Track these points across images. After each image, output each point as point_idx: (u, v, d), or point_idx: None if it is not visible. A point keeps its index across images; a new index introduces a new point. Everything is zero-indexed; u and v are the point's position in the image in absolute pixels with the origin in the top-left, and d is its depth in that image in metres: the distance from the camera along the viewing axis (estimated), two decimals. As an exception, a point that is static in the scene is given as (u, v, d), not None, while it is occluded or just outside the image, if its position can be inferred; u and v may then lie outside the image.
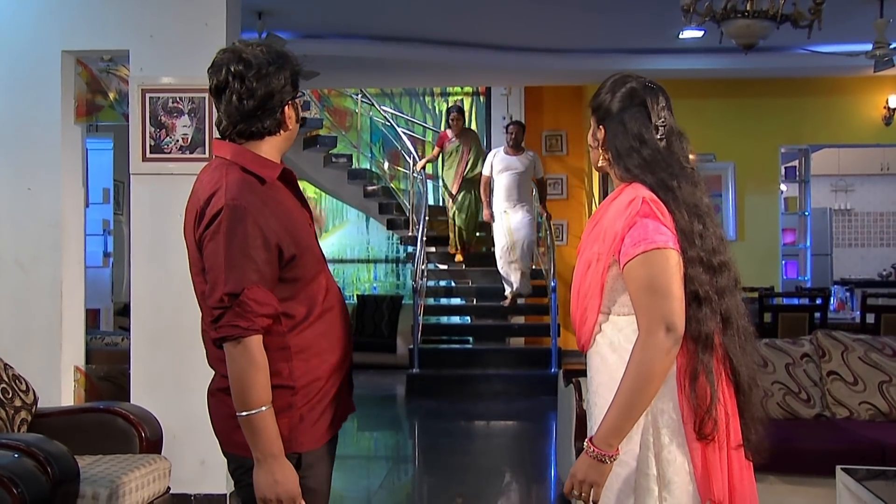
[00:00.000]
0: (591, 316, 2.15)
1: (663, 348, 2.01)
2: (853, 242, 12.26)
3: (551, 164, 11.21)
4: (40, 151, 4.63)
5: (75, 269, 4.74)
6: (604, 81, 2.27)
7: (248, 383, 2.10)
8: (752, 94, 8.49)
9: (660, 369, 2.02)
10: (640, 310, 2.05)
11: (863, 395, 4.86)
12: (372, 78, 9.63)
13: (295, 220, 2.23)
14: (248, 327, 2.09)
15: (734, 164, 8.62)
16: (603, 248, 2.12)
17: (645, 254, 2.03)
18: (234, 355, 2.11)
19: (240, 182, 2.16)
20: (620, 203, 2.13)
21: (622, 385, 2.04)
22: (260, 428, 2.11)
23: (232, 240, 2.10)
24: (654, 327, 2.01)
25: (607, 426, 2.04)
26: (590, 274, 2.15)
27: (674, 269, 2.04)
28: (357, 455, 6.68)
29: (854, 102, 8.67)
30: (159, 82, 4.58)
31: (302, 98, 2.34)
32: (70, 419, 4.01)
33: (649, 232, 2.04)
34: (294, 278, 2.20)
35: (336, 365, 2.28)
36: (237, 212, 2.11)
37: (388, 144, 11.58)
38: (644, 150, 2.16)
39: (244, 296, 2.09)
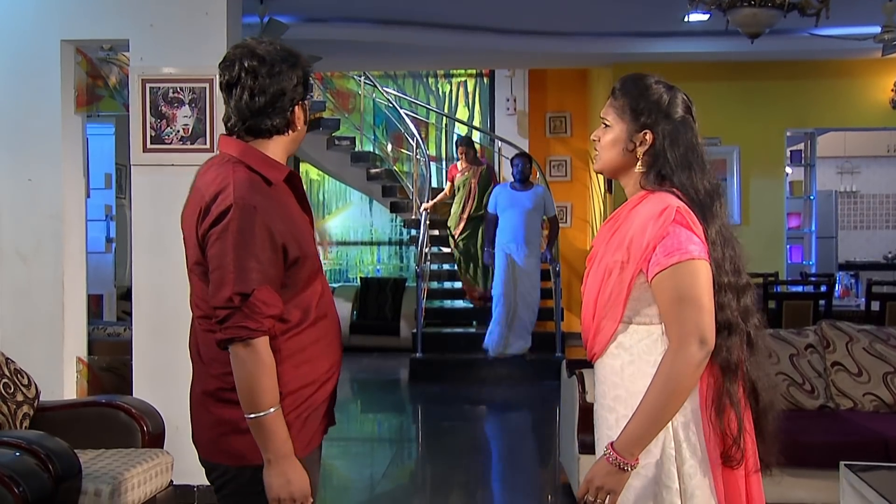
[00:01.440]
0: (610, 325, 2.10)
1: (695, 361, 1.98)
2: (859, 225, 12.20)
3: (555, 146, 11.17)
4: (40, 142, 4.61)
5: (77, 260, 4.72)
6: (638, 80, 2.17)
7: (258, 385, 2.09)
8: (758, 77, 8.41)
9: (689, 383, 1.99)
10: (671, 321, 2.01)
11: (867, 387, 4.85)
12: (375, 61, 9.56)
13: (298, 224, 2.22)
14: (257, 328, 2.07)
15: (739, 148, 8.55)
16: (629, 257, 2.06)
17: (679, 264, 1.99)
18: (242, 357, 2.09)
19: (247, 181, 2.14)
20: (650, 211, 2.05)
21: (649, 395, 2.00)
22: (271, 429, 2.10)
23: (241, 239, 2.08)
24: (686, 339, 1.97)
25: (630, 434, 2.01)
26: (612, 282, 2.09)
27: (706, 280, 2.00)
28: (361, 438, 6.71)
29: (861, 85, 8.59)
30: (159, 72, 4.54)
31: (311, 99, 2.31)
32: (72, 413, 4.00)
33: (682, 242, 2.00)
34: (293, 283, 2.18)
35: (326, 373, 2.26)
36: (247, 211, 2.09)
37: (391, 127, 11.52)
38: (697, 164, 2.12)
39: (253, 297, 2.06)
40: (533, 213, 8.35)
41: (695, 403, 2.04)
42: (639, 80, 2.17)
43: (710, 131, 8.40)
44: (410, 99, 11.50)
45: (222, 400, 2.19)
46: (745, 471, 2.07)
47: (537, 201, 8.37)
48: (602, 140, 2.19)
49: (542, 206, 8.38)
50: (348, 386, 8.69)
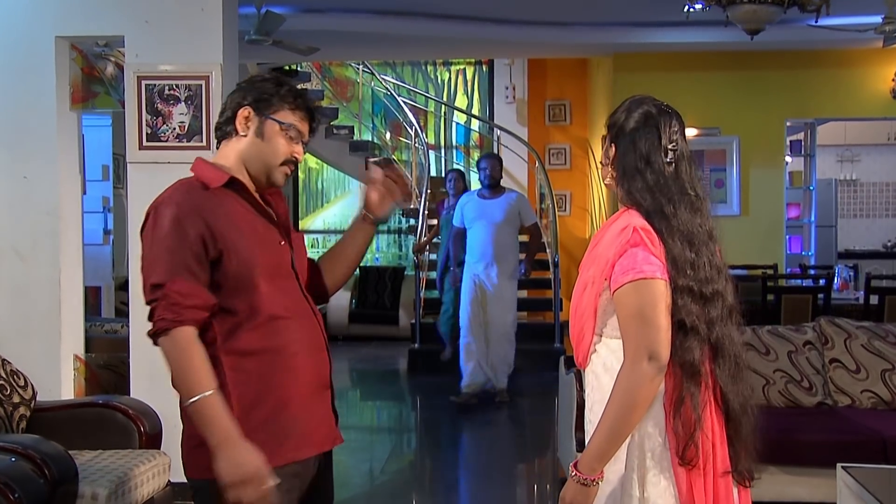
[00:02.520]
0: (587, 336, 2.21)
1: (646, 376, 2.04)
2: (858, 213, 12.18)
3: (555, 134, 11.14)
4: (36, 139, 4.57)
5: (73, 257, 4.71)
6: (621, 102, 2.29)
7: (186, 371, 2.12)
8: (758, 66, 8.37)
9: (643, 396, 2.06)
10: (626, 337, 2.10)
11: (865, 384, 4.85)
12: (373, 51, 9.51)
13: (235, 225, 2.23)
14: (174, 319, 2.11)
15: (739, 138, 8.52)
16: (597, 273, 2.15)
17: (633, 283, 2.07)
18: (166, 349, 2.14)
19: (181, 187, 2.28)
20: (614, 230, 2.17)
21: (606, 410, 2.08)
22: (209, 414, 2.11)
23: (155, 235, 2.18)
24: (638, 356, 2.05)
25: (591, 451, 2.09)
26: (585, 296, 2.20)
27: (660, 299, 2.07)
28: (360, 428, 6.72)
29: (861, 75, 8.55)
30: (155, 69, 4.50)
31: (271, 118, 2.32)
32: (69, 414, 4.00)
33: (638, 261, 2.08)
34: (225, 283, 2.20)
35: (288, 377, 2.24)
36: (160, 209, 2.22)
37: (389, 115, 11.48)
38: (648, 172, 2.18)
39: (167, 288, 2.12)
40: (504, 226, 6.94)
41: (658, 409, 2.12)
42: (630, 101, 2.27)
43: (709, 121, 8.40)
44: (409, 87, 11.45)
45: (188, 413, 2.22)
46: (712, 473, 2.11)
47: (510, 211, 6.96)
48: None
49: (516, 217, 6.99)
50: (347, 376, 8.70)
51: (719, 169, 8.55)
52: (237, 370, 2.21)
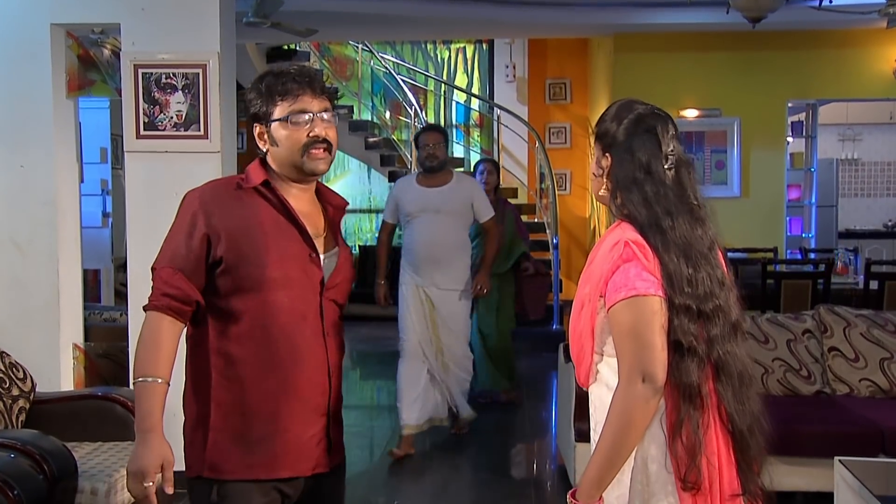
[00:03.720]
0: (587, 356, 2.12)
1: (641, 398, 1.96)
2: (859, 192, 12.15)
3: (555, 113, 11.09)
4: (32, 128, 4.55)
5: (72, 247, 4.69)
6: (608, 107, 2.19)
7: (142, 353, 2.20)
8: (759, 47, 8.30)
9: (639, 418, 1.97)
10: (620, 357, 2.01)
11: (864, 372, 4.86)
12: (372, 32, 9.44)
13: (255, 230, 2.24)
14: (152, 302, 2.21)
15: (740, 119, 8.47)
16: (592, 291, 2.08)
17: (626, 300, 1.98)
18: (143, 325, 2.23)
19: (216, 180, 2.39)
20: (607, 245, 2.08)
21: (602, 434, 2.00)
22: (141, 397, 2.18)
23: (174, 222, 2.28)
24: (632, 376, 1.97)
25: (589, 478, 2.02)
26: (582, 315, 2.12)
27: (654, 316, 1.98)
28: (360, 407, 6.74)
29: (864, 56, 8.48)
30: (152, 58, 4.46)
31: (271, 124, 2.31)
32: (68, 406, 4.00)
33: (630, 278, 1.99)
34: (227, 283, 2.21)
35: (273, 392, 2.23)
36: (188, 199, 2.29)
37: (389, 94, 11.42)
38: (647, 182, 2.07)
39: (156, 273, 2.23)
40: (454, 221, 5.40)
41: (661, 431, 2.03)
42: (610, 108, 2.18)
43: (710, 102, 8.31)
44: (409, 66, 11.38)
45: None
46: (720, 496, 2.03)
47: (460, 200, 5.41)
48: (590, 166, 2.26)
49: (468, 209, 5.44)
50: (347, 356, 8.69)
51: (720, 150, 8.51)
52: (223, 373, 2.22)
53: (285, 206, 2.29)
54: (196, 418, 2.24)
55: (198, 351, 2.26)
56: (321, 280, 2.30)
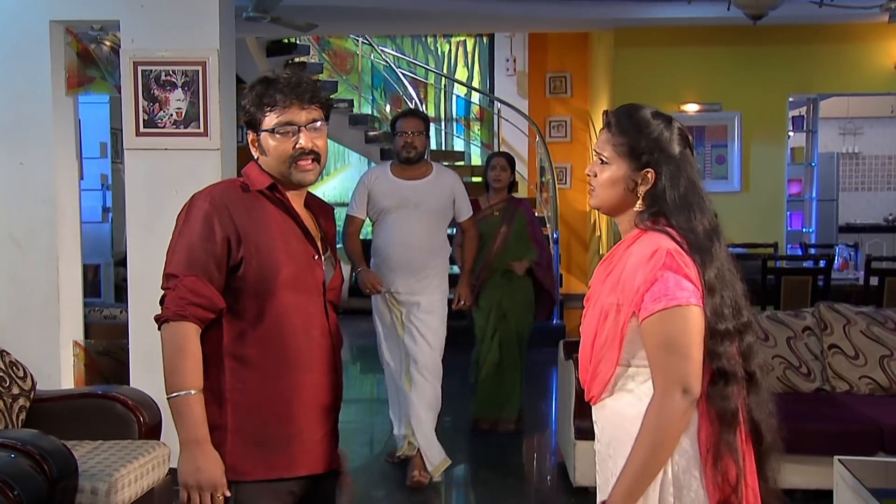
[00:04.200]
0: (608, 368, 2.04)
1: (679, 411, 1.92)
2: (860, 186, 12.13)
3: (555, 107, 11.07)
4: (31, 125, 4.54)
5: (71, 244, 4.69)
6: (632, 115, 2.08)
7: (175, 366, 2.17)
8: (760, 41, 8.27)
9: (675, 432, 1.94)
10: (656, 369, 1.96)
11: (863, 370, 4.86)
12: (372, 26, 9.42)
13: (264, 230, 2.25)
14: (177, 312, 2.16)
15: (741, 114, 8.46)
16: (623, 300, 2.00)
17: (665, 311, 1.93)
18: (164, 338, 2.19)
19: (221, 182, 2.37)
20: (641, 254, 1.99)
21: (637, 448, 1.96)
22: (185, 412, 2.15)
23: (184, 226, 2.23)
24: (670, 389, 1.93)
25: (621, 492, 1.96)
26: (608, 325, 2.03)
27: (694, 327, 1.94)
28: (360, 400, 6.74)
29: (865, 50, 8.46)
30: (151, 55, 4.45)
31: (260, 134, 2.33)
32: (68, 405, 4.00)
33: (670, 287, 1.93)
34: (242, 286, 2.22)
35: (288, 392, 2.25)
36: (196, 201, 2.26)
37: (389, 88, 11.40)
38: (695, 200, 2.03)
39: (180, 282, 2.16)
40: (434, 219, 4.75)
41: (695, 449, 1.98)
42: (636, 115, 2.08)
43: (711, 97, 8.28)
44: (409, 59, 11.36)
45: None
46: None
47: (441, 195, 4.77)
48: (599, 177, 2.10)
49: (449, 207, 4.81)
50: (347, 350, 8.72)
51: (720, 145, 8.49)
52: (238, 376, 2.23)
53: (290, 208, 2.32)
54: (210, 420, 2.21)
55: (209, 353, 2.23)
56: (323, 281, 2.34)
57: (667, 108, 8.54)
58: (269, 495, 2.25)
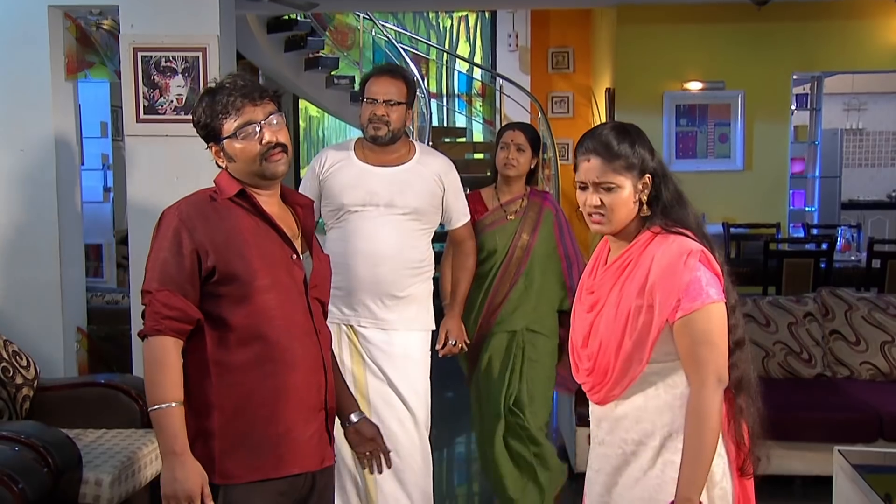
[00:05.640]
0: (637, 368, 2.12)
1: (717, 399, 2.07)
2: (863, 163, 12.07)
3: (557, 82, 10.99)
4: (31, 111, 4.51)
5: (73, 230, 4.69)
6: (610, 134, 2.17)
7: (154, 379, 2.21)
8: (764, 19, 8.18)
9: (718, 418, 2.08)
10: (693, 363, 2.09)
11: (864, 356, 4.87)
12: (372, 3, 9.34)
13: (238, 239, 2.27)
14: (153, 327, 2.21)
15: (744, 92, 8.40)
16: (654, 301, 2.09)
17: (702, 308, 2.06)
18: (145, 351, 2.24)
19: (191, 196, 2.35)
20: (671, 255, 2.10)
21: (689, 441, 2.08)
22: (163, 423, 2.19)
23: (156, 243, 2.27)
24: (710, 380, 2.07)
25: (685, 485, 2.06)
26: (637, 327, 2.11)
27: (721, 321, 2.10)
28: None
29: (870, 27, 8.37)
30: (151, 40, 4.42)
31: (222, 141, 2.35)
32: (71, 394, 4.02)
33: (703, 286, 2.08)
34: (219, 293, 2.24)
35: (273, 393, 2.26)
36: (166, 218, 2.29)
37: (391, 64, 11.34)
38: (682, 194, 2.22)
39: (154, 297, 2.21)
40: (413, 223, 3.39)
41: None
42: (611, 135, 2.17)
43: (714, 75, 8.22)
44: (410, 35, 11.27)
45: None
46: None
47: (426, 190, 3.42)
48: (611, 203, 2.15)
49: (436, 204, 3.46)
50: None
51: (723, 123, 8.45)
52: (224, 380, 2.26)
53: (262, 212, 2.34)
54: (196, 428, 2.24)
55: (193, 361, 2.27)
56: (304, 280, 2.37)
57: (670, 86, 8.52)
58: (258, 497, 2.26)
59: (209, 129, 2.33)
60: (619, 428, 2.20)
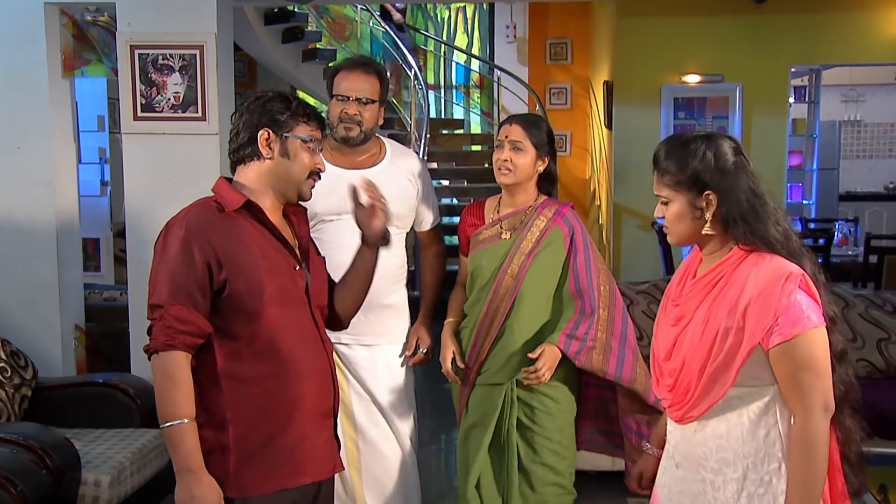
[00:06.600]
0: (720, 389, 2.06)
1: (824, 428, 2.00)
2: (861, 154, 12.07)
3: (556, 73, 10.96)
4: (28, 108, 4.51)
5: (71, 227, 4.68)
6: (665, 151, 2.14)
7: (167, 396, 2.17)
8: (763, 11, 8.16)
9: (826, 447, 2.01)
10: (796, 390, 2.01)
11: (861, 353, 4.87)
12: (371, -6, 9.32)
13: (244, 251, 2.25)
14: (167, 342, 2.16)
15: (742, 85, 8.37)
16: (744, 324, 2.02)
17: (804, 334, 1.99)
18: (155, 367, 2.20)
19: (199, 206, 2.29)
20: (768, 278, 2.02)
21: (797, 472, 2.01)
22: (178, 441, 2.16)
23: (163, 255, 2.21)
24: (816, 408, 1.99)
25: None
26: (725, 347, 2.04)
27: (824, 346, 2.02)
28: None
29: (869, 19, 8.34)
30: (148, 38, 4.40)
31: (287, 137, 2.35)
32: (70, 393, 4.03)
33: (804, 310, 2.00)
34: (229, 307, 2.22)
35: (289, 403, 2.27)
36: (172, 229, 2.23)
37: (388, 56, 11.30)
38: (763, 205, 2.09)
39: (166, 311, 2.16)
40: (389, 227, 2.61)
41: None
42: (673, 146, 2.13)
43: (713, 68, 8.17)
44: (408, 26, 11.24)
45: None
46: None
47: (401, 192, 3.20)
48: (667, 216, 2.16)
49: (410, 206, 3.27)
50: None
51: (721, 116, 8.43)
52: (236, 394, 2.24)
53: (267, 223, 2.33)
54: (211, 442, 2.23)
55: (203, 375, 2.24)
56: (306, 289, 2.37)
57: (668, 78, 8.50)
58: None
59: (282, 115, 2.33)
60: (697, 454, 2.15)
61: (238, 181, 2.36)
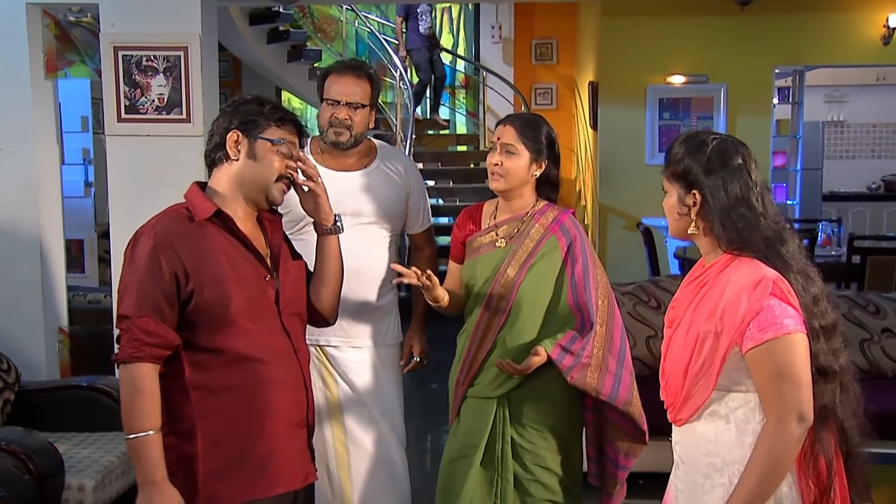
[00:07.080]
0: (702, 393, 2.07)
1: (794, 438, 1.95)
2: (844, 154, 12.15)
3: (541, 73, 10.99)
4: (10, 110, 4.47)
5: (54, 229, 4.65)
6: (675, 143, 2.17)
7: (132, 408, 2.16)
8: (748, 11, 8.20)
9: (790, 459, 1.98)
10: (768, 398, 1.99)
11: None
12: (356, -6, 9.31)
13: (214, 262, 2.22)
14: (132, 354, 2.15)
15: (727, 86, 8.41)
16: (723, 327, 2.02)
17: (775, 340, 1.96)
18: (122, 378, 2.18)
19: (169, 214, 2.27)
20: (743, 282, 2.01)
21: (748, 476, 1.98)
22: (142, 453, 2.15)
23: (132, 265, 2.19)
24: (785, 417, 1.95)
25: None
26: (705, 351, 2.05)
27: (803, 354, 1.98)
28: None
29: (852, 21, 8.40)
30: (132, 39, 4.38)
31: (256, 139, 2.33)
32: (53, 396, 4.00)
33: (777, 316, 1.97)
34: (196, 318, 2.20)
35: (260, 414, 2.25)
36: (141, 238, 2.21)
37: (374, 56, 11.29)
38: (750, 213, 2.06)
39: (133, 323, 2.15)
40: (380, 231, 3.15)
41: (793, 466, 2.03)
42: (687, 140, 2.15)
43: (698, 68, 8.20)
44: (393, 26, 11.23)
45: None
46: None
47: (391, 194, 3.16)
48: (665, 206, 2.20)
49: (399, 208, 3.20)
50: (332, 323, 8.69)
51: (706, 117, 8.46)
52: (205, 405, 2.23)
53: (236, 232, 2.30)
54: (178, 453, 2.21)
55: (171, 386, 2.22)
56: (276, 300, 2.33)
57: (653, 79, 8.52)
58: None
59: (254, 116, 2.31)
60: (690, 455, 2.16)
61: (211, 187, 2.34)
